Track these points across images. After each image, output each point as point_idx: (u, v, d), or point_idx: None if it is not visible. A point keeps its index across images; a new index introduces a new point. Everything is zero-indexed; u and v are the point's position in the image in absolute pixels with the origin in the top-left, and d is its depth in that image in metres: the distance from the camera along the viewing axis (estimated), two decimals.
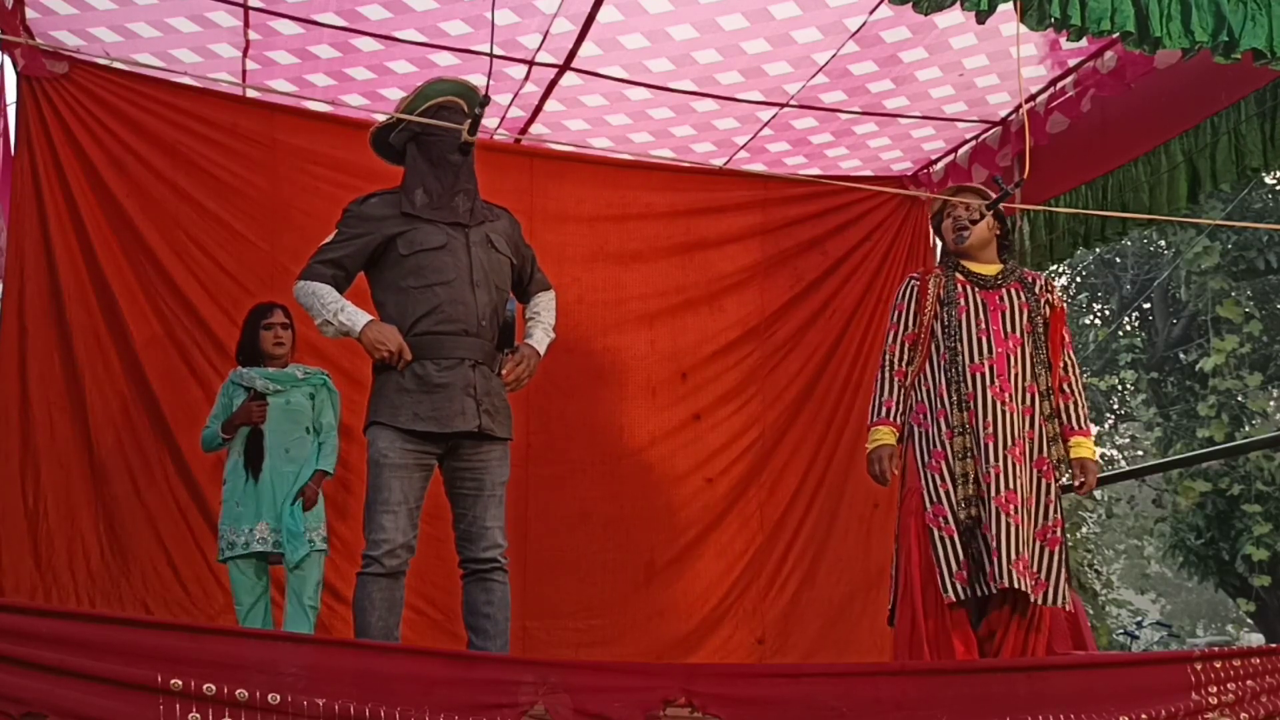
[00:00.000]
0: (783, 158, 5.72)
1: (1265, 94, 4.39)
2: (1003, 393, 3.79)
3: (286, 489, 4.26)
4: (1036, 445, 3.80)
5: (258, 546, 4.21)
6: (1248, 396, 12.83)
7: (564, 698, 2.58)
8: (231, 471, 4.32)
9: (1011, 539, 3.67)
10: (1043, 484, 3.79)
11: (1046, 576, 3.73)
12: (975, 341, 3.86)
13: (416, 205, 3.56)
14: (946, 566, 3.72)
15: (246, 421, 4.29)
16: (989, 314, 3.89)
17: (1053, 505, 3.79)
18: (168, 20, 4.50)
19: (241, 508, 4.25)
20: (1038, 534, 3.76)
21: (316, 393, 4.42)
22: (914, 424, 3.91)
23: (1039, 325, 3.90)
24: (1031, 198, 5.10)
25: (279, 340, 4.39)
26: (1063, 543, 3.79)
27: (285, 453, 4.30)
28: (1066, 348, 3.94)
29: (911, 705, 2.78)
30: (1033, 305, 3.91)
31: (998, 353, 3.84)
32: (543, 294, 3.84)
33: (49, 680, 2.33)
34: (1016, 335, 3.87)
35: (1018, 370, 3.83)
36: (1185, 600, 26.16)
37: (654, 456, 5.59)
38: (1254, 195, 13.39)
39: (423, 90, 3.65)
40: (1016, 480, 3.72)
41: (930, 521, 3.76)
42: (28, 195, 4.66)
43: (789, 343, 5.82)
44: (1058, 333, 3.93)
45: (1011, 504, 3.70)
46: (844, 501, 5.74)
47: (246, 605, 4.23)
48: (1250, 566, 12.12)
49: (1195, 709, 3.02)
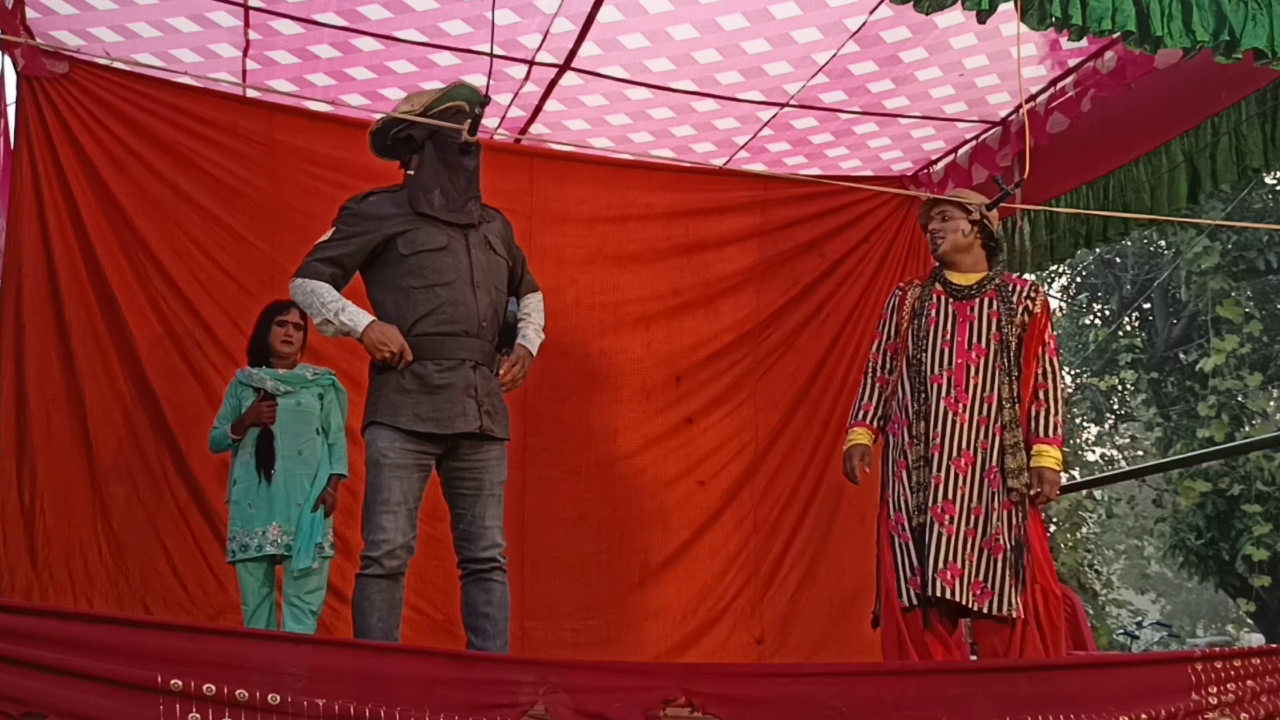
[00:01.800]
0: (783, 158, 5.72)
1: (1266, 94, 4.40)
2: (957, 404, 3.88)
3: (300, 491, 4.24)
4: (988, 455, 3.83)
5: (270, 549, 4.18)
6: (1248, 396, 12.83)
7: (564, 697, 2.58)
8: (242, 473, 4.29)
9: (941, 548, 3.77)
10: (989, 493, 3.81)
11: (990, 585, 3.77)
12: (938, 352, 3.95)
13: (434, 205, 3.55)
14: (900, 573, 3.85)
15: (257, 422, 4.27)
16: (957, 325, 3.98)
17: (996, 514, 3.79)
18: (168, 20, 4.49)
19: (254, 510, 4.22)
20: (985, 543, 3.80)
21: (325, 393, 4.40)
22: (889, 432, 4.03)
23: (1010, 334, 3.91)
24: (1032, 198, 5.10)
25: (288, 339, 4.37)
26: (1006, 551, 3.77)
27: (298, 454, 4.28)
28: (1048, 353, 3.92)
29: (911, 705, 2.78)
30: (1004, 314, 3.93)
31: (957, 364, 3.92)
32: (532, 295, 3.85)
33: (49, 680, 2.33)
34: (981, 345, 3.93)
35: (977, 381, 3.89)
36: (1185, 600, 26.17)
37: (648, 459, 5.60)
38: (1254, 195, 13.39)
39: (450, 91, 3.63)
40: (957, 490, 3.81)
41: (892, 528, 3.90)
42: (27, 195, 4.65)
43: (783, 346, 5.82)
44: (1034, 340, 3.92)
45: (947, 514, 3.80)
46: (844, 502, 5.73)
47: (253, 606, 4.21)
48: (1250, 566, 12.12)
49: (1195, 709, 3.02)
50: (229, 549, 4.27)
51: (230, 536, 4.27)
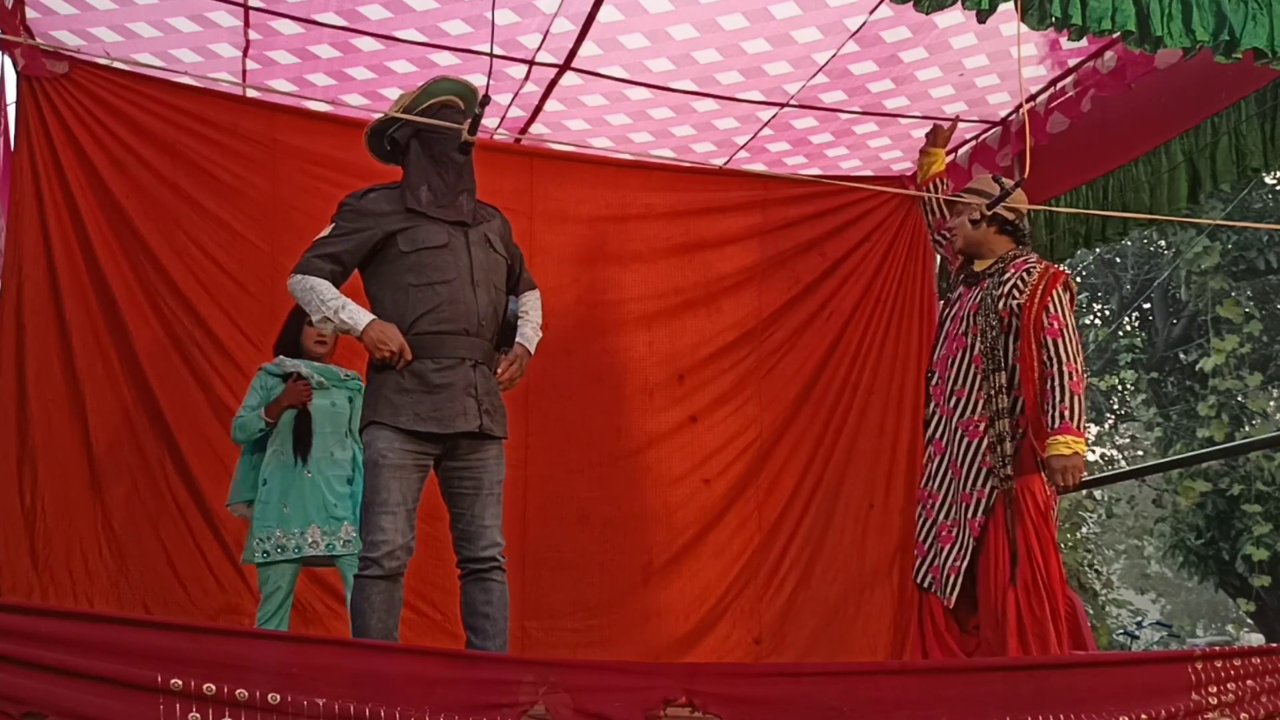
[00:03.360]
0: (783, 158, 5.72)
1: (1266, 94, 4.39)
2: (936, 391, 4.03)
3: (333, 494, 4.17)
4: (955, 449, 3.94)
5: (310, 551, 4.09)
6: (1248, 396, 12.83)
7: (564, 697, 2.57)
8: (275, 469, 4.17)
9: (923, 534, 4.04)
10: (954, 485, 3.96)
11: (944, 575, 3.93)
12: (938, 343, 4.10)
13: (422, 202, 3.54)
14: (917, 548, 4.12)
15: (295, 402, 4.17)
16: (955, 314, 4.06)
17: (969, 507, 3.87)
18: (168, 20, 4.49)
19: (289, 510, 4.11)
20: (948, 534, 3.98)
21: (354, 397, 4.31)
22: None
23: (989, 322, 3.85)
24: (1032, 198, 5.06)
25: (321, 339, 4.29)
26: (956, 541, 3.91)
27: (330, 457, 4.21)
28: (1049, 335, 3.75)
29: (911, 705, 2.78)
30: (987, 302, 3.88)
31: (941, 355, 4.04)
32: (530, 293, 3.85)
33: (49, 680, 2.33)
34: (962, 336, 3.95)
35: (952, 372, 3.97)
36: (1185, 600, 26.15)
37: (651, 458, 5.59)
38: (1254, 195, 13.38)
39: (427, 88, 3.64)
40: (936, 479, 4.03)
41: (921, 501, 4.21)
42: (27, 195, 4.66)
43: (786, 344, 5.82)
44: (1029, 323, 3.80)
45: (932, 500, 4.04)
46: (840, 502, 5.75)
47: (276, 605, 4.09)
48: (1250, 566, 12.11)
49: (1195, 709, 3.02)
50: (258, 549, 4.11)
51: (260, 536, 4.12)
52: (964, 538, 3.86)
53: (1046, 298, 3.80)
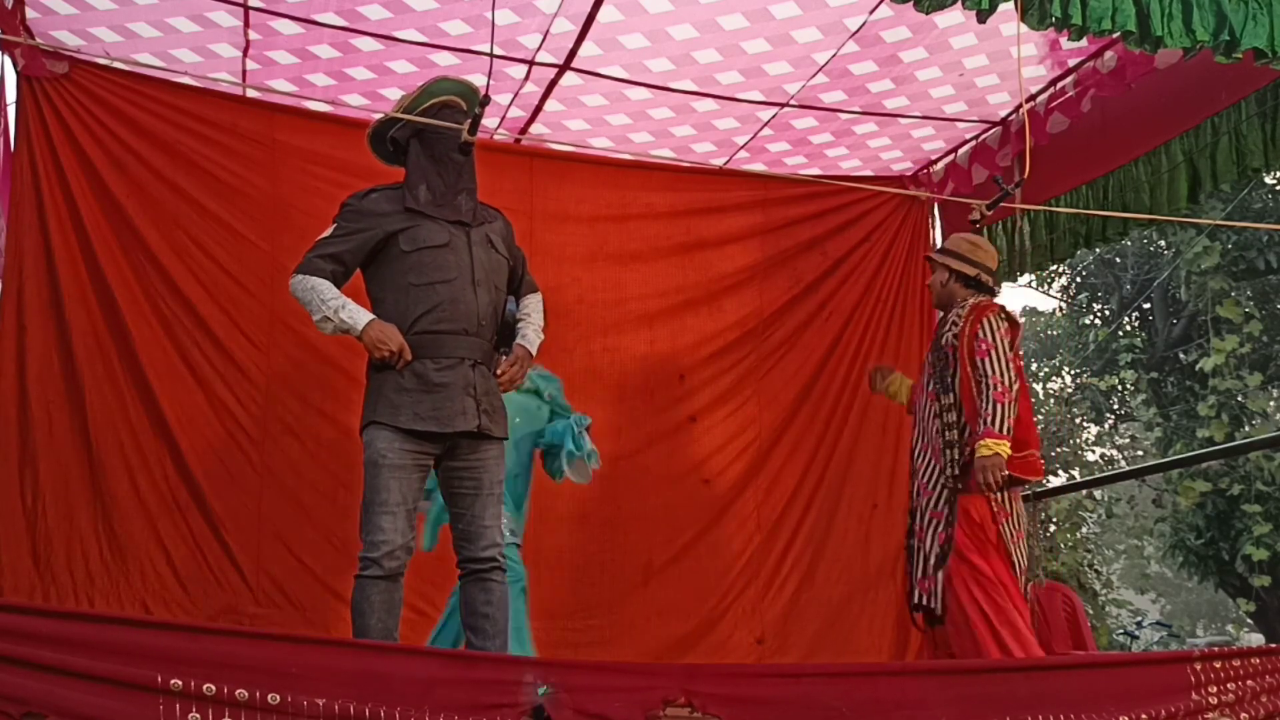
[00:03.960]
0: (783, 158, 5.72)
1: (1266, 94, 4.39)
2: (914, 431, 4.48)
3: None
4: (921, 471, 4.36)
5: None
6: (1248, 396, 12.83)
7: (564, 697, 2.57)
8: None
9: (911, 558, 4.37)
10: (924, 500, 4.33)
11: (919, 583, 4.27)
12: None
13: (420, 201, 3.55)
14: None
15: None
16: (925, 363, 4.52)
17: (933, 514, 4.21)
18: (168, 20, 4.49)
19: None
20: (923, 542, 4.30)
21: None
22: None
23: (935, 360, 4.32)
24: (1032, 198, 5.09)
25: None
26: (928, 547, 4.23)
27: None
28: (977, 355, 4.16)
29: (911, 705, 2.78)
30: (938, 344, 4.35)
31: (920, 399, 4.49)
32: (532, 295, 3.85)
33: (49, 680, 2.33)
34: (924, 379, 4.43)
35: (920, 412, 4.42)
36: (1185, 600, 26.18)
37: (651, 458, 5.59)
38: (1254, 195, 13.38)
39: (427, 88, 3.64)
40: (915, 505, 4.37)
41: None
42: (27, 195, 4.65)
43: (786, 344, 5.82)
44: (964, 349, 4.21)
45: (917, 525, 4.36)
46: (842, 502, 5.75)
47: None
48: (1250, 566, 12.12)
49: (1195, 709, 3.02)
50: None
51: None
52: (933, 549, 4.18)
53: (976, 326, 4.21)
